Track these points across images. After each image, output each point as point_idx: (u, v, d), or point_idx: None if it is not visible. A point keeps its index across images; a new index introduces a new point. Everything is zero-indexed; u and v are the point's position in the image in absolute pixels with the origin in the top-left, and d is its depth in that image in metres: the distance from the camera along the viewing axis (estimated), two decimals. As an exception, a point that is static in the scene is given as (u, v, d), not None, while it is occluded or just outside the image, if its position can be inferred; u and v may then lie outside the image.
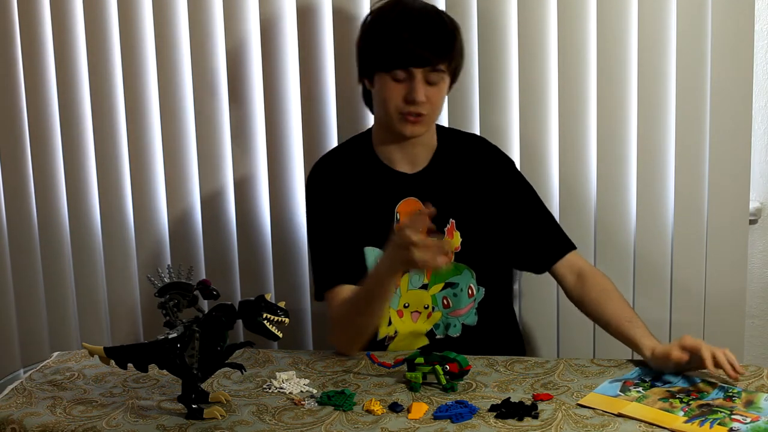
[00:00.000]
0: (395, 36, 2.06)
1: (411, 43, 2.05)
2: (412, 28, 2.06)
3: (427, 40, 2.06)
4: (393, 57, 2.06)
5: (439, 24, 2.10)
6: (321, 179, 2.25)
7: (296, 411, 1.74)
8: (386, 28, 2.09)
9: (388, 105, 2.09)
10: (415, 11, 2.11)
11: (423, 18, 2.09)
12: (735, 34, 2.37)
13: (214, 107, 2.70)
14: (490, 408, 1.70)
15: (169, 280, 1.71)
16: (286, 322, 1.66)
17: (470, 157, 2.24)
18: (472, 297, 2.20)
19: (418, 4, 2.14)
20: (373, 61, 2.12)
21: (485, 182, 2.22)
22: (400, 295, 2.17)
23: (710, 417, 1.62)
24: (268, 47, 2.62)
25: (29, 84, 2.81)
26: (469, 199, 2.20)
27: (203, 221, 2.77)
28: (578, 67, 2.47)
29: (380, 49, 2.09)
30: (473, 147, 2.27)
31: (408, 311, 2.18)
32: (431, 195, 2.15)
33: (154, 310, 1.78)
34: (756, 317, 2.66)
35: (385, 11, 2.13)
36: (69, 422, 1.72)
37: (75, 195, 2.84)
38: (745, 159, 2.44)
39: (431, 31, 2.08)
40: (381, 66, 2.09)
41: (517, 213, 2.23)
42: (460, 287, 2.19)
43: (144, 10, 2.69)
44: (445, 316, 2.18)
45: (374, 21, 2.14)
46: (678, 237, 2.51)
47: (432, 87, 2.08)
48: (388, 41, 2.07)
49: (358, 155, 2.23)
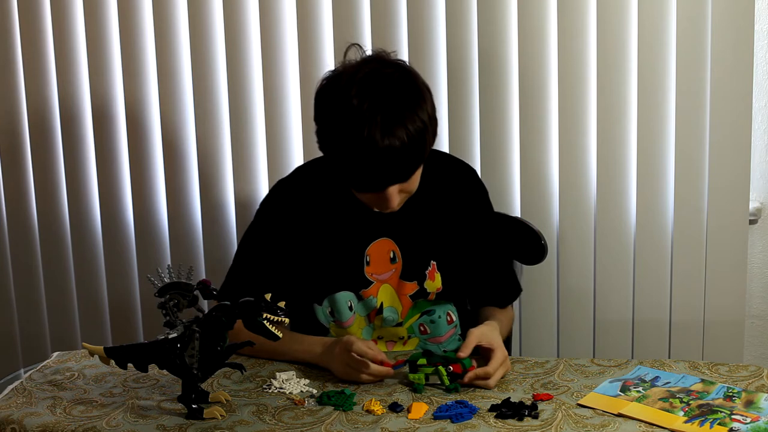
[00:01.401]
0: (365, 170, 1.81)
1: (378, 176, 1.81)
2: (381, 159, 1.78)
3: (399, 167, 1.81)
4: (364, 186, 1.87)
5: (409, 143, 1.78)
6: (281, 208, 2.06)
7: (296, 411, 1.74)
8: (348, 156, 1.80)
9: (357, 198, 1.94)
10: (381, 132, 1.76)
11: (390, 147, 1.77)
12: (735, 34, 2.37)
13: (214, 107, 2.70)
14: (490, 408, 1.70)
15: (169, 280, 1.71)
16: (286, 322, 1.66)
17: (447, 190, 2.07)
18: (452, 323, 2.12)
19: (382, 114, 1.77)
20: (338, 172, 1.90)
21: (462, 217, 2.08)
22: (373, 329, 2.09)
23: (710, 417, 1.62)
24: (269, 47, 2.62)
25: (29, 84, 2.81)
26: (448, 237, 2.06)
27: (203, 221, 2.77)
28: (578, 67, 2.48)
29: (348, 173, 1.85)
30: (449, 176, 2.08)
31: (382, 342, 2.10)
32: (408, 236, 2.04)
33: (154, 310, 1.78)
34: (756, 317, 2.66)
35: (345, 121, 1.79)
36: (69, 422, 1.72)
37: (75, 195, 2.85)
38: (745, 159, 2.44)
39: (401, 156, 1.79)
40: (350, 184, 1.90)
41: (481, 250, 2.12)
42: (437, 314, 2.09)
43: (144, 10, 2.69)
44: (423, 341, 2.10)
45: (338, 135, 1.81)
46: (678, 237, 2.52)
47: (406, 184, 1.88)
48: (351, 171, 1.83)
49: (327, 184, 2.02)
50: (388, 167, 1.81)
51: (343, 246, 2.04)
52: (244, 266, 2.09)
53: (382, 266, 2.05)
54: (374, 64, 1.85)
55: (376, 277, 2.05)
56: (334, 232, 2.04)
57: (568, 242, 2.57)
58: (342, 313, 2.06)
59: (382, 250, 2.05)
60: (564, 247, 2.58)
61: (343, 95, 1.80)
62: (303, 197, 2.06)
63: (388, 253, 2.05)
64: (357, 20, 2.56)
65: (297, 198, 2.07)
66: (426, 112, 1.83)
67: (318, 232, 2.05)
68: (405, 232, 2.05)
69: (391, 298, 2.06)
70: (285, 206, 2.07)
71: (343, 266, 2.04)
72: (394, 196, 1.87)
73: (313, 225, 2.05)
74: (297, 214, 2.05)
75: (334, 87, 1.84)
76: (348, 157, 1.81)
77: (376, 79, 1.81)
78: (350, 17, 2.55)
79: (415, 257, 2.05)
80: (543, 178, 2.56)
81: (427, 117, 1.82)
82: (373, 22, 2.55)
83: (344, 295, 2.05)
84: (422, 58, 2.54)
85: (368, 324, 2.09)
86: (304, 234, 2.05)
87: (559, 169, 2.54)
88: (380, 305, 2.06)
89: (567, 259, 2.58)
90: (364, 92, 1.79)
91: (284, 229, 2.05)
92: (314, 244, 2.05)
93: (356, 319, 2.08)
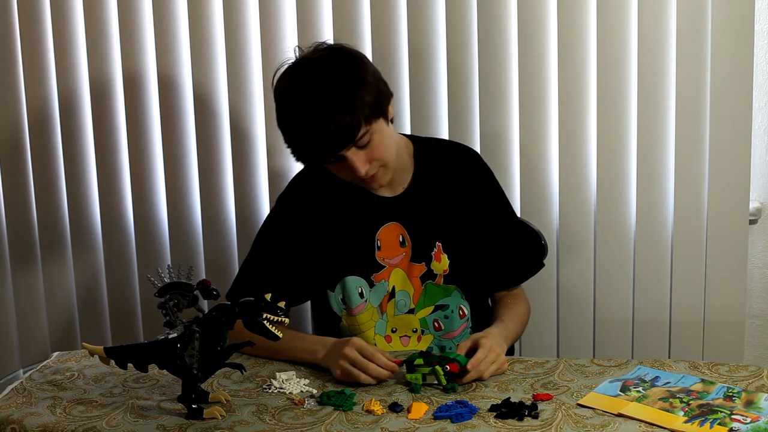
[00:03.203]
0: (303, 141, 1.93)
1: (320, 144, 1.91)
2: (312, 126, 1.89)
3: (333, 130, 1.89)
4: (313, 159, 1.99)
5: (335, 103, 1.89)
6: (297, 201, 2.15)
7: (296, 411, 1.74)
8: (291, 133, 1.95)
9: (342, 178, 2.02)
10: (307, 103, 1.90)
11: (318, 112, 1.89)
12: (735, 34, 2.37)
13: (214, 107, 2.70)
14: (490, 408, 1.70)
15: (169, 280, 1.71)
16: (286, 322, 1.66)
17: (451, 173, 2.14)
18: (464, 317, 2.15)
19: (308, 87, 1.92)
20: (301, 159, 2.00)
21: (468, 198, 2.14)
22: (387, 320, 2.12)
23: (710, 417, 1.62)
24: (268, 47, 2.62)
25: (29, 84, 2.81)
26: (453, 219, 2.12)
27: (203, 221, 2.78)
28: (578, 67, 2.48)
29: (298, 153, 1.97)
30: (453, 160, 2.16)
31: (396, 336, 2.13)
32: (415, 219, 2.10)
33: (154, 310, 1.78)
34: (756, 317, 2.66)
35: (283, 105, 1.96)
36: (69, 422, 1.72)
37: (75, 195, 2.85)
38: (745, 159, 2.44)
39: (330, 119, 1.88)
40: (310, 164, 2.05)
41: (492, 230, 2.16)
42: (450, 308, 2.13)
43: (144, 9, 2.69)
44: (437, 338, 2.13)
45: (280, 119, 1.97)
46: (678, 237, 2.52)
47: (366, 148, 1.94)
48: (300, 147, 1.95)
49: (336, 177, 2.08)
50: (323, 131, 1.89)
51: (354, 232, 2.11)
52: (259, 260, 2.15)
53: (393, 250, 2.11)
54: (313, 50, 1.99)
55: (387, 261, 2.11)
56: (346, 219, 2.11)
57: (568, 242, 2.58)
58: (352, 298, 2.10)
59: (391, 234, 2.11)
60: (564, 247, 2.58)
61: (280, 80, 1.97)
62: (317, 190, 2.13)
63: (398, 237, 2.11)
64: (357, 20, 2.56)
65: (311, 191, 2.14)
66: (356, 76, 1.93)
67: (331, 221, 2.12)
68: (412, 215, 2.11)
69: (403, 281, 2.11)
70: (300, 200, 2.15)
71: (355, 251, 2.10)
72: (357, 162, 1.93)
73: (326, 215, 2.12)
74: (311, 207, 2.13)
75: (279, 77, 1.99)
76: (292, 133, 1.94)
77: (310, 60, 1.96)
78: (350, 17, 2.56)
79: (421, 239, 2.11)
80: (543, 178, 2.56)
81: (357, 79, 1.92)
82: (374, 22, 2.55)
83: (355, 280, 2.10)
84: (422, 58, 2.54)
85: (381, 316, 2.12)
86: (318, 225, 2.12)
87: (559, 169, 2.54)
88: (392, 289, 2.11)
89: (567, 259, 2.59)
90: (295, 73, 1.95)
91: (299, 223, 2.12)
92: (327, 233, 2.11)
93: (368, 308, 2.11)
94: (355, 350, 1.84)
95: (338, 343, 1.91)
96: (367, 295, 2.11)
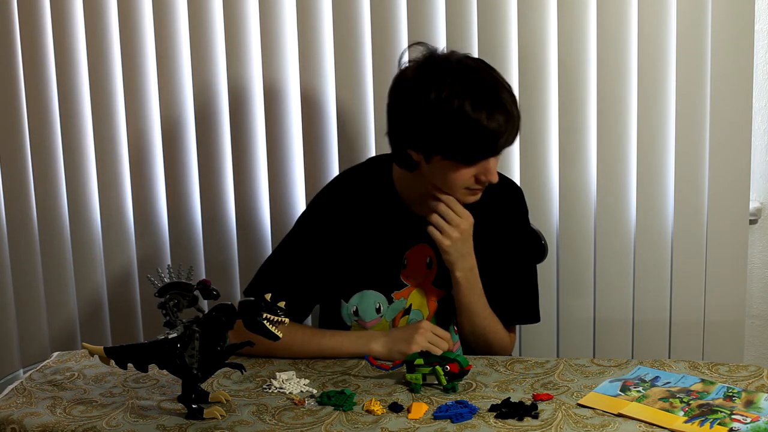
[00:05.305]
0: (485, 133, 1.87)
1: (501, 138, 1.89)
2: (499, 121, 1.87)
3: (511, 129, 1.90)
4: (480, 152, 1.90)
5: (512, 102, 1.91)
6: (331, 207, 2.11)
7: (296, 411, 1.74)
8: (471, 123, 1.86)
9: (455, 184, 1.95)
10: (489, 94, 1.88)
11: (503, 106, 1.88)
12: (735, 34, 2.37)
13: (214, 107, 2.70)
14: (490, 408, 1.70)
15: (169, 280, 1.71)
16: (286, 322, 1.66)
17: (492, 206, 2.08)
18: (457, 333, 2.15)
19: (486, 81, 1.90)
20: (446, 149, 1.90)
21: (500, 234, 2.11)
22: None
23: (710, 417, 1.62)
24: (269, 48, 2.62)
25: (29, 84, 2.81)
26: (481, 251, 2.06)
27: (203, 221, 2.77)
28: (578, 67, 2.48)
29: (463, 143, 1.88)
30: (497, 193, 2.08)
31: None
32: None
33: (154, 310, 1.78)
34: (756, 317, 2.66)
35: (455, 98, 1.87)
36: (69, 422, 1.72)
37: (75, 195, 2.85)
38: (745, 159, 2.44)
39: (512, 117, 1.90)
40: (460, 158, 1.91)
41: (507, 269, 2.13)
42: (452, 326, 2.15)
43: (144, 9, 2.69)
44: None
45: (443, 105, 1.87)
46: (678, 237, 2.52)
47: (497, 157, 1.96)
48: (475, 137, 1.87)
49: (376, 187, 2.08)
50: (503, 126, 1.88)
51: (384, 247, 2.09)
52: (286, 258, 2.10)
53: (418, 271, 2.11)
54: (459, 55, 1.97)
55: (410, 281, 2.11)
56: (378, 232, 2.09)
57: (568, 242, 2.58)
58: (367, 312, 2.10)
59: (420, 255, 2.10)
60: (564, 247, 2.58)
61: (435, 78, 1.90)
62: (354, 197, 2.11)
63: (425, 258, 2.10)
64: (357, 20, 2.56)
65: (348, 198, 2.11)
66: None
67: (362, 231, 2.09)
68: None
69: (420, 302, 2.11)
70: (336, 205, 2.11)
71: (380, 266, 2.09)
72: (494, 165, 1.94)
73: (359, 225, 2.09)
74: (346, 214, 2.09)
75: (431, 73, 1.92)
76: (473, 123, 1.86)
77: (464, 58, 1.96)
78: (351, 17, 2.55)
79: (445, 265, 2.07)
80: (543, 179, 2.56)
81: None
82: (374, 22, 2.55)
83: (374, 295, 2.10)
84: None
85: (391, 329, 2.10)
86: (349, 233, 2.09)
87: (559, 169, 2.54)
88: (408, 306, 2.11)
89: (567, 259, 2.58)
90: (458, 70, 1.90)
91: (331, 228, 2.09)
92: (357, 243, 2.09)
93: (381, 323, 2.11)
94: (430, 331, 1.95)
95: (405, 327, 2.00)
96: (384, 311, 2.11)
